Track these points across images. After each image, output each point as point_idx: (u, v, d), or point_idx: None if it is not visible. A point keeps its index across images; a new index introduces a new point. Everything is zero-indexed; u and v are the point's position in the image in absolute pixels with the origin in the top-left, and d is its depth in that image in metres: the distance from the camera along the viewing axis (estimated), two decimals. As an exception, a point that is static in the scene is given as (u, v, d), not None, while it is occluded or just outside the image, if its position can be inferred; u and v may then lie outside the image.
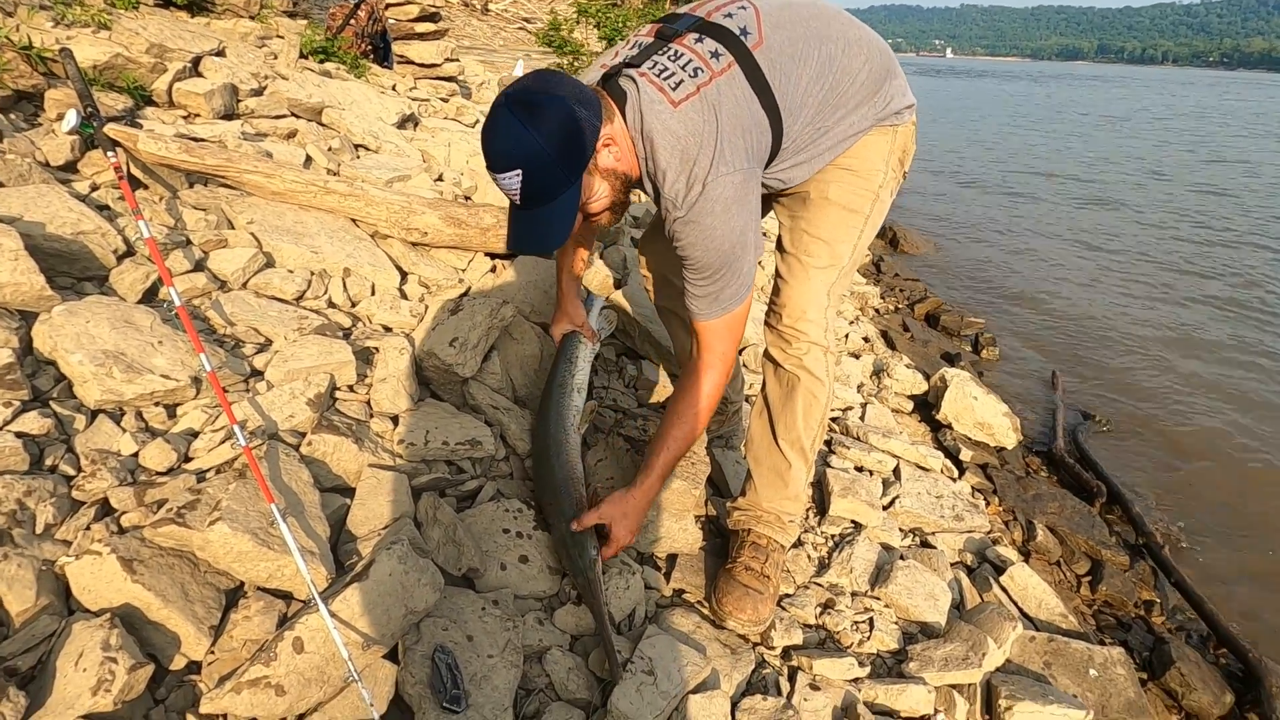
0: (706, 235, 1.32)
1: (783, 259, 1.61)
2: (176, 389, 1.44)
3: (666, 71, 1.31)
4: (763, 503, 1.67)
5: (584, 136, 1.22)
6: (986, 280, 6.01)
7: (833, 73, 1.41)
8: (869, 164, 1.52)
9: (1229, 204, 9.17)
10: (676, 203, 1.31)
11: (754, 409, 1.70)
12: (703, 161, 1.28)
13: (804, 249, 1.56)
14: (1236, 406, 3.96)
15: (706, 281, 1.38)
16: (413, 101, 4.28)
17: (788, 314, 1.57)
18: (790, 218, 1.61)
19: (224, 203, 2.11)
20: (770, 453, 1.64)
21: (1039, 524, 2.55)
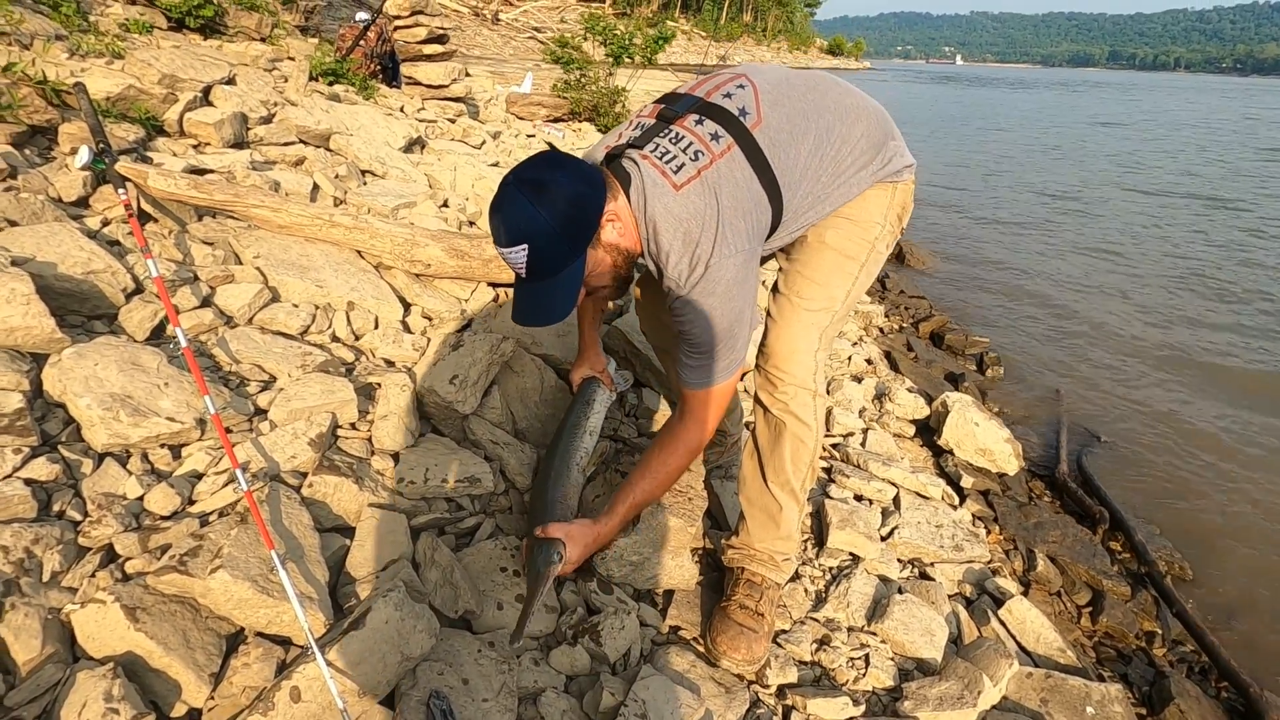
0: (706, 315, 1.36)
1: (775, 300, 1.62)
2: (182, 430, 1.47)
3: (668, 154, 1.35)
4: (755, 543, 1.68)
5: (588, 213, 1.27)
6: (993, 296, 6.00)
7: (831, 143, 1.45)
8: (868, 215, 1.55)
9: (1246, 220, 9.10)
10: (680, 283, 1.36)
11: (745, 450, 1.71)
12: (705, 244, 1.32)
13: (797, 290, 1.57)
14: (1247, 431, 3.94)
15: (701, 356, 1.42)
16: (420, 123, 4.33)
17: (776, 355, 1.57)
18: (787, 260, 1.64)
19: (232, 236, 2.16)
20: (761, 494, 1.65)
21: (1040, 553, 2.55)
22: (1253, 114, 32.40)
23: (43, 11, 3.52)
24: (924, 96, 39.90)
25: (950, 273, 6.61)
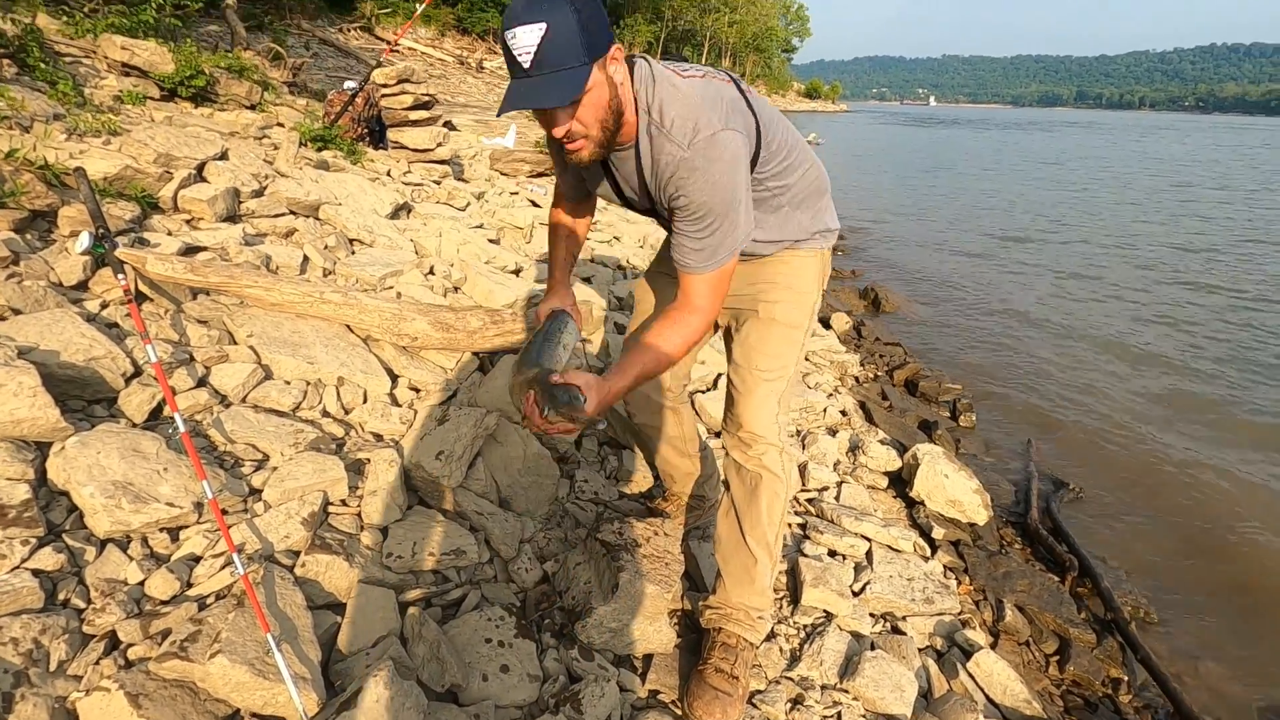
0: (712, 180, 1.36)
1: (736, 372, 1.76)
2: (180, 515, 1.55)
3: (675, 64, 1.47)
4: (733, 599, 1.76)
5: (605, 28, 1.25)
6: (966, 340, 6.17)
7: (795, 152, 1.62)
8: (806, 283, 1.74)
9: (1214, 262, 9.41)
10: (683, 142, 1.35)
11: (720, 510, 1.81)
12: (710, 116, 1.36)
13: (755, 364, 1.72)
14: (1215, 473, 4.06)
15: (704, 232, 1.41)
16: (406, 186, 4.48)
17: (746, 422, 1.70)
18: (740, 334, 1.78)
19: (226, 315, 2.25)
20: (739, 550, 1.74)
21: (1008, 603, 2.64)
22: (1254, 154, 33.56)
23: (40, 89, 3.66)
24: (898, 139, 40.99)
25: (925, 317, 6.80)
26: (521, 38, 1.19)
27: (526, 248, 4.38)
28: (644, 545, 1.94)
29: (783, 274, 1.73)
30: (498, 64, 37.74)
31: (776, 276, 1.74)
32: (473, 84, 35.89)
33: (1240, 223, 12.46)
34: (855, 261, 8.86)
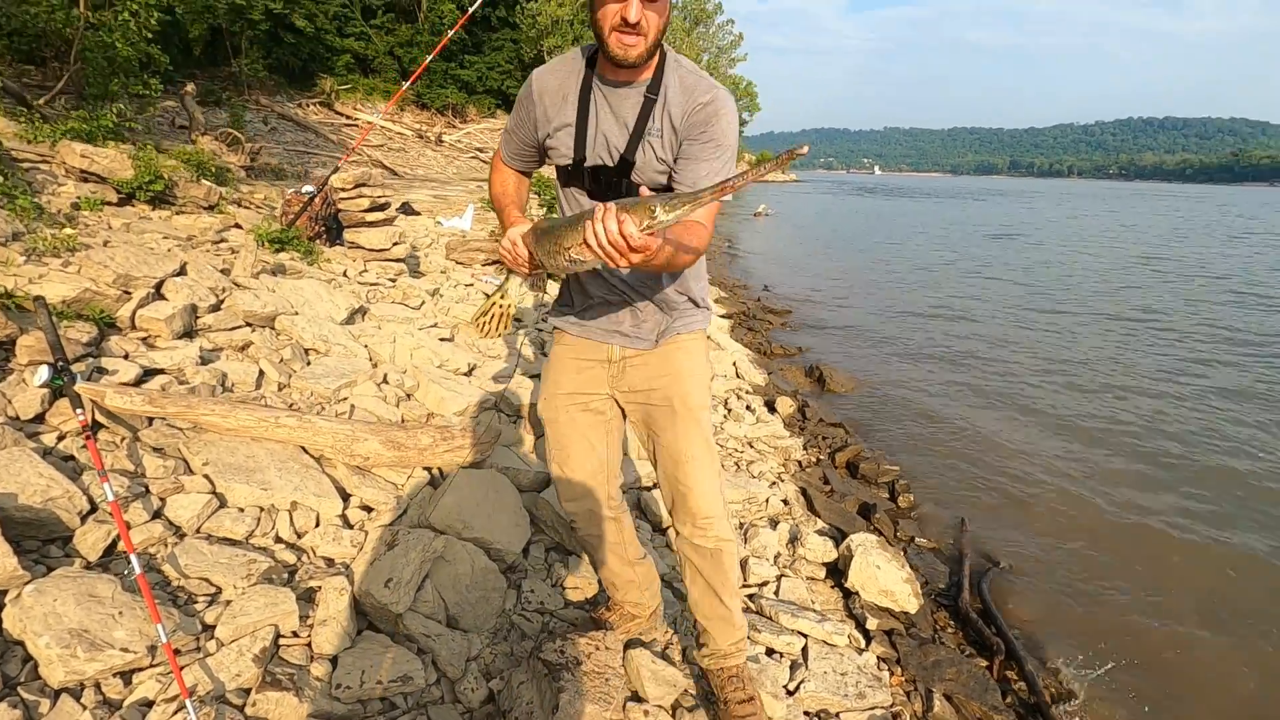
0: (732, 120, 1.56)
1: (676, 470, 1.86)
2: (134, 659, 1.62)
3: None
4: (723, 644, 2.05)
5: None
6: (907, 419, 6.44)
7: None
8: (703, 364, 1.91)
9: (1162, 339, 10.03)
10: (704, 87, 1.55)
11: (689, 580, 1.99)
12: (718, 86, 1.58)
13: (691, 455, 1.85)
14: (1143, 545, 4.30)
15: (720, 161, 1.54)
16: (362, 287, 4.63)
17: (700, 509, 1.87)
18: (665, 435, 1.86)
19: (182, 442, 2.34)
20: (717, 608, 1.98)
21: (937, 693, 2.79)
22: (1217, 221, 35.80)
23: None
24: (847, 208, 42.80)
25: (869, 394, 7.09)
26: None
27: (480, 344, 4.54)
28: (585, 662, 2.05)
29: (685, 363, 1.86)
30: (456, 137, 38.68)
31: (681, 367, 1.85)
32: (431, 157, 36.58)
33: (1176, 292, 13.35)
34: (804, 337, 9.22)
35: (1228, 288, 14.15)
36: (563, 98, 1.59)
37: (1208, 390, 7.39)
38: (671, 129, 1.54)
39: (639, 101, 1.54)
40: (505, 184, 1.79)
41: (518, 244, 1.56)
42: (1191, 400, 7.04)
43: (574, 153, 1.60)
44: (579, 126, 1.58)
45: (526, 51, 41.83)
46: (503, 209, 1.74)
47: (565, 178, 1.67)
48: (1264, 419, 6.52)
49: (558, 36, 40.30)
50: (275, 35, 30.25)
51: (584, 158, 1.59)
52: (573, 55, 1.65)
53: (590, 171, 1.60)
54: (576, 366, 1.88)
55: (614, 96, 1.55)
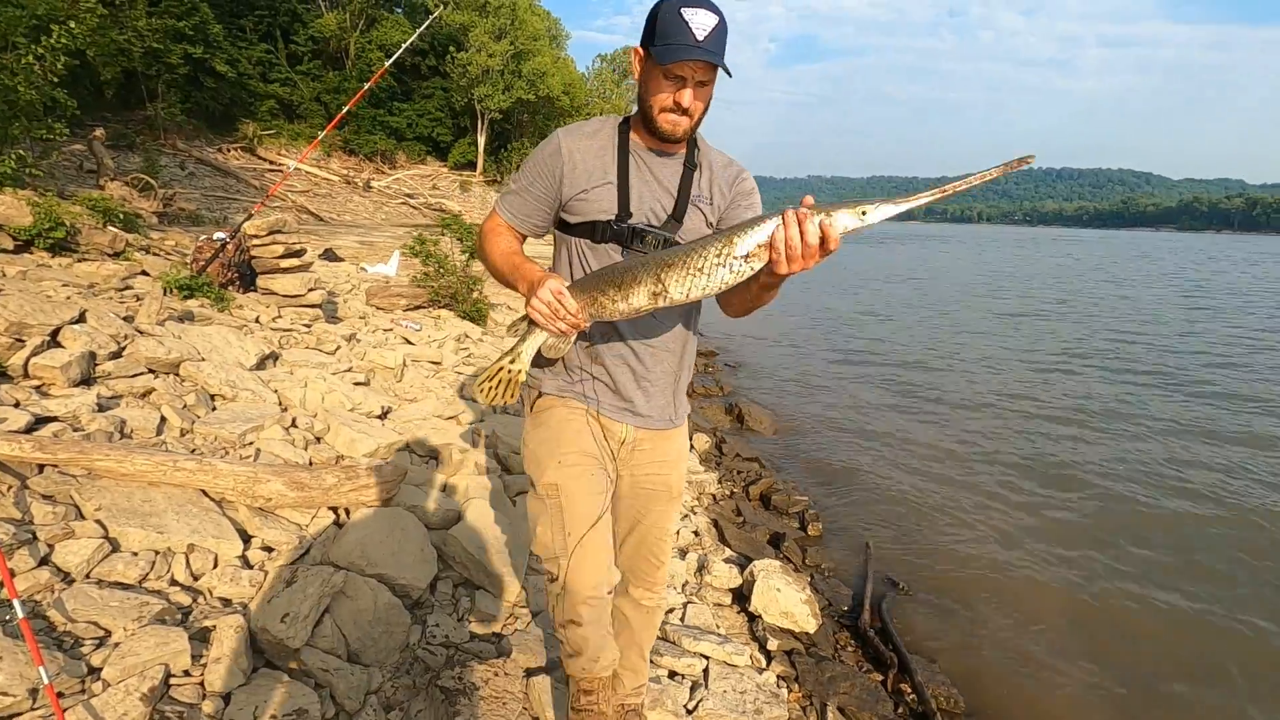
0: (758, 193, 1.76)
1: (657, 544, 1.96)
2: (14, 703, 1.61)
3: None
4: (628, 689, 2.09)
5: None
6: (821, 450, 6.75)
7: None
8: (686, 450, 1.99)
9: (1064, 379, 10.77)
10: (737, 165, 1.75)
11: (617, 631, 2.00)
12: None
13: (667, 532, 1.98)
14: (1030, 567, 4.60)
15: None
16: (274, 333, 4.62)
17: (661, 581, 2.02)
18: (652, 514, 1.93)
19: (74, 489, 2.33)
20: (636, 661, 2.08)
21: (831, 706, 2.95)
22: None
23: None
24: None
25: (785, 430, 7.37)
26: (703, 18, 1.47)
27: (397, 387, 4.58)
28: (483, 688, 2.12)
29: (681, 450, 1.93)
30: (385, 183, 38.46)
31: (679, 453, 1.92)
32: (359, 202, 36.17)
33: (1072, 334, 14.36)
34: (726, 377, 9.53)
35: (1127, 324, 15.35)
36: (599, 158, 1.64)
37: (1098, 417, 7.99)
38: (722, 197, 1.71)
39: (678, 170, 1.67)
40: (511, 243, 1.72)
41: (563, 295, 1.50)
42: (1084, 430, 7.60)
43: (618, 208, 1.63)
44: (621, 184, 1.64)
45: (457, 100, 42.22)
46: (517, 266, 1.64)
47: (598, 234, 1.64)
48: (1150, 446, 7.10)
49: (488, 86, 40.89)
50: (195, 79, 29.68)
51: (629, 214, 1.63)
52: (601, 121, 1.73)
53: (632, 229, 1.63)
54: (591, 435, 1.78)
55: (654, 163, 1.66)
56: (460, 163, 44.10)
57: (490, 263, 1.72)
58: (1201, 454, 6.82)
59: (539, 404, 1.82)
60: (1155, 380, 9.86)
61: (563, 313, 1.49)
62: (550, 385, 1.79)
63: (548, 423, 1.78)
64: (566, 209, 1.67)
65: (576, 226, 1.66)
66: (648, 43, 1.53)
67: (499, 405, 1.67)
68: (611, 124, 1.70)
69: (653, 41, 1.50)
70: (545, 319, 1.51)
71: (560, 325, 1.51)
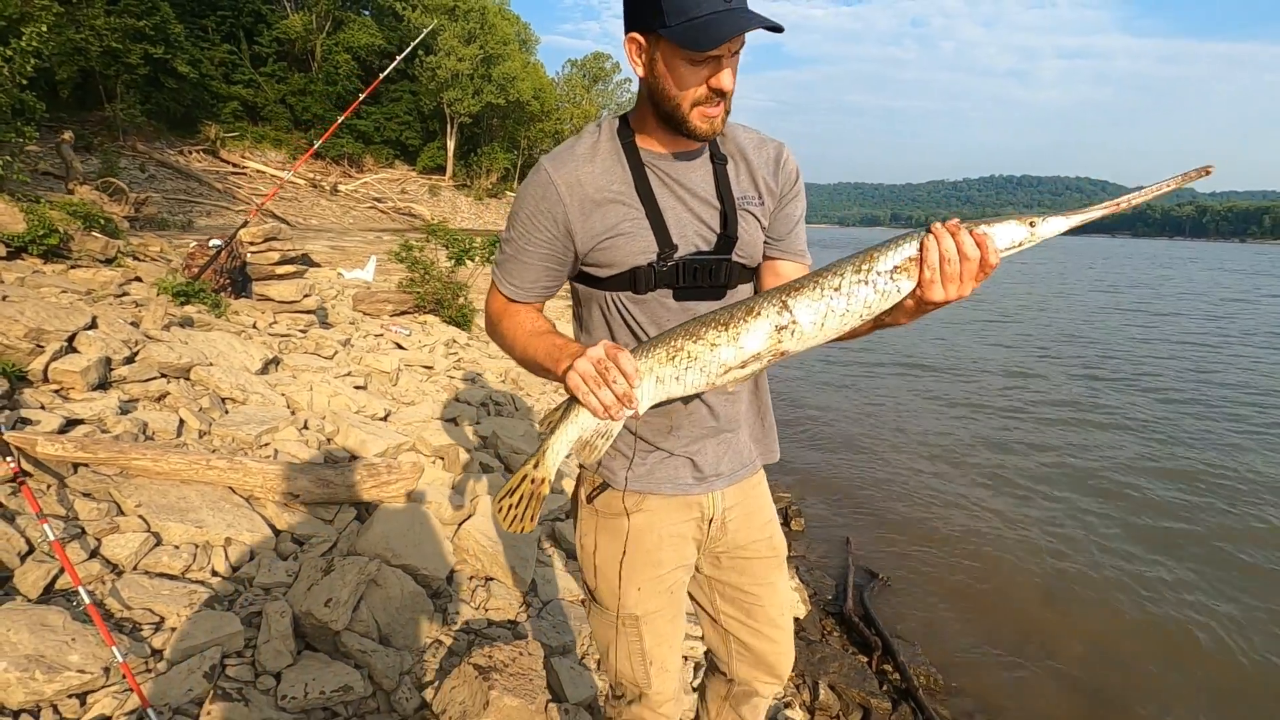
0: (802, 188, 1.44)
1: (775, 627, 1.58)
2: (90, 680, 1.74)
3: None
4: None
5: None
6: (801, 451, 7.01)
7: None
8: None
9: (1024, 367, 11.21)
10: (767, 139, 1.39)
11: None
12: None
13: (788, 607, 1.62)
14: (1003, 556, 4.87)
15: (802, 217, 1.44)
16: (273, 338, 4.71)
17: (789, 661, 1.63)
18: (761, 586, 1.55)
19: (112, 487, 2.44)
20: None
21: (823, 684, 3.17)
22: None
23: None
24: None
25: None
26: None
27: (394, 391, 4.70)
28: (510, 665, 2.28)
29: (769, 497, 1.59)
30: (353, 187, 38.10)
31: (769, 498, 1.59)
32: (326, 206, 35.73)
33: (1036, 336, 14.92)
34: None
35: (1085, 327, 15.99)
36: (609, 185, 1.27)
37: (1070, 411, 8.40)
38: (769, 192, 1.36)
39: (709, 170, 1.31)
40: (536, 321, 1.34)
41: (620, 353, 1.10)
42: (1056, 426, 7.98)
43: (659, 244, 1.26)
44: (652, 213, 1.26)
45: (426, 103, 42.01)
46: (559, 345, 1.23)
47: (644, 283, 1.28)
48: (1111, 437, 7.49)
49: (458, 89, 40.77)
50: (155, 80, 29.10)
51: (673, 246, 1.27)
52: (592, 135, 1.32)
53: (683, 264, 1.28)
54: (674, 538, 1.44)
55: (678, 171, 1.29)
56: (429, 167, 43.87)
57: (518, 353, 1.32)
58: (1176, 445, 7.23)
59: (606, 503, 1.43)
60: (1127, 379, 10.35)
61: (614, 374, 1.08)
62: (621, 477, 1.40)
63: (620, 534, 1.42)
64: (589, 262, 1.29)
65: (610, 280, 1.30)
66: (653, 25, 1.14)
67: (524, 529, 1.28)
68: (608, 134, 1.31)
69: (664, 22, 1.11)
70: (590, 386, 1.09)
71: (607, 396, 1.09)
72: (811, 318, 1.12)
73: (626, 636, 1.47)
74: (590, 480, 1.46)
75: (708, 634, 1.64)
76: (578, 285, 1.37)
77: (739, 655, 1.58)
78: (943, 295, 1.08)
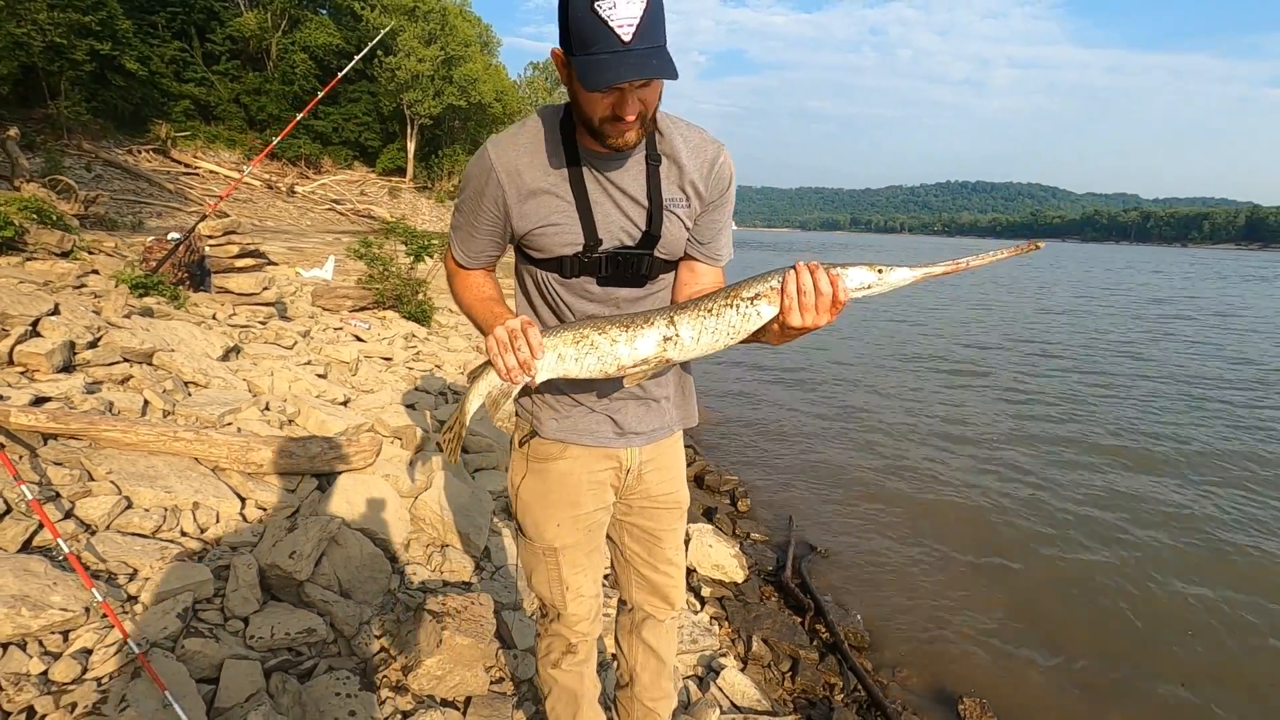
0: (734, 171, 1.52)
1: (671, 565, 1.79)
2: (72, 618, 1.91)
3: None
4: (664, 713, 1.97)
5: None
6: (750, 439, 7.32)
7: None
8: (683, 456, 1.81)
9: (982, 386, 11.72)
10: (709, 143, 1.47)
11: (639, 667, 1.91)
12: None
13: (680, 547, 1.82)
14: (932, 534, 5.23)
15: (729, 223, 1.55)
16: (233, 329, 4.82)
17: (679, 600, 1.85)
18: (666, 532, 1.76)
19: (82, 456, 2.58)
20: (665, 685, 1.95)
21: (756, 637, 3.44)
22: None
23: None
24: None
25: (717, 422, 7.93)
26: (622, 9, 1.15)
27: (353, 380, 4.85)
28: (463, 612, 2.50)
29: (683, 452, 1.77)
30: (311, 188, 37.56)
31: (682, 458, 1.77)
32: (282, 208, 35.13)
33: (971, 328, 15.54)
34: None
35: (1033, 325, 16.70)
36: (545, 177, 1.38)
37: (986, 389, 8.89)
38: (696, 195, 1.45)
39: (641, 170, 1.40)
40: (483, 286, 1.52)
41: (531, 325, 1.29)
42: (980, 406, 8.46)
43: (585, 238, 1.39)
44: (582, 208, 1.38)
45: (385, 104, 41.62)
46: (492, 313, 1.42)
47: (569, 269, 1.43)
48: (1047, 410, 7.98)
49: (418, 91, 40.50)
50: (102, 77, 28.38)
51: (599, 240, 1.40)
52: (536, 123, 1.41)
53: (606, 257, 1.41)
54: (591, 483, 1.62)
55: (610, 169, 1.39)
56: (389, 168, 43.44)
57: (464, 308, 1.54)
58: (1093, 421, 7.74)
59: (535, 448, 1.62)
60: (1065, 369, 10.93)
61: (520, 343, 1.26)
62: (549, 426, 1.58)
63: (545, 476, 1.61)
64: (524, 243, 1.45)
65: (541, 262, 1.46)
66: (566, 47, 1.23)
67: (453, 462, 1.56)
68: (551, 125, 1.39)
69: (571, 50, 1.21)
70: (499, 349, 1.28)
71: (509, 359, 1.27)
72: (690, 334, 1.34)
73: (546, 565, 1.67)
74: (522, 427, 1.64)
75: (615, 564, 1.86)
76: (518, 255, 1.54)
77: (638, 584, 1.81)
78: (800, 322, 1.26)
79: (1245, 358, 12.83)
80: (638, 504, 1.71)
